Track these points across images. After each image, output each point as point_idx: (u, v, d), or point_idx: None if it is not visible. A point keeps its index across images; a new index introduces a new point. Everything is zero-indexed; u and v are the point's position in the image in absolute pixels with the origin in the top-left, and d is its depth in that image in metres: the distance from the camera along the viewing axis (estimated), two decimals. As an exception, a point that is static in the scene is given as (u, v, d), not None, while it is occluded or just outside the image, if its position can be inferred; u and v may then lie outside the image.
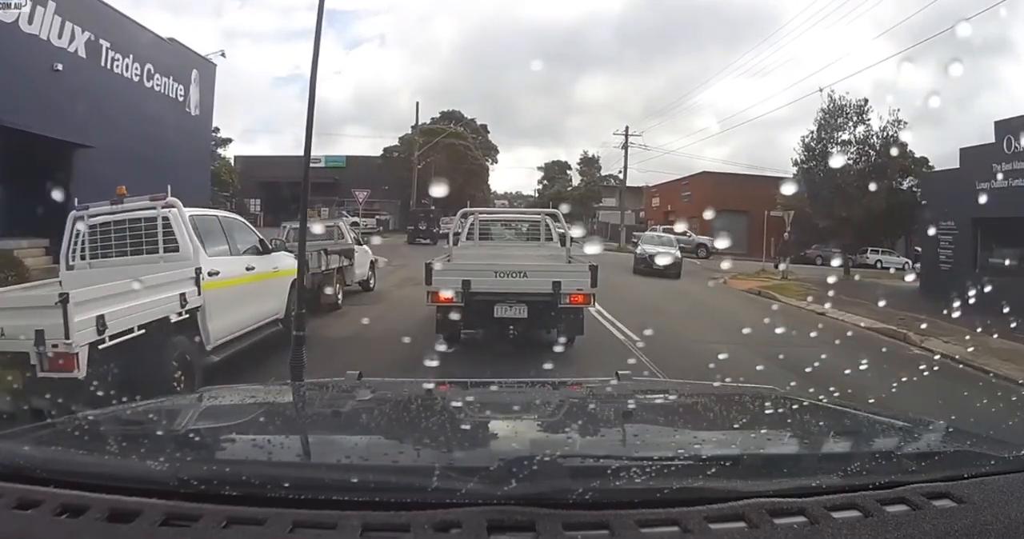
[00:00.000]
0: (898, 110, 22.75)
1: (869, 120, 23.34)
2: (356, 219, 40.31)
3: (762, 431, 1.63)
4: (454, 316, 7.51)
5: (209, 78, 22.14)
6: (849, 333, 10.42)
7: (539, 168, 66.12)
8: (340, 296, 11.74)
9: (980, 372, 8.36)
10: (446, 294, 7.55)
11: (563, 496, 1.00)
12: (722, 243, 34.63)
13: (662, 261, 20.29)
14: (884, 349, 9.05)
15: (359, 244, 13.97)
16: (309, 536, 0.94)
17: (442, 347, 6.37)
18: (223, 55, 23.01)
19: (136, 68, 17.93)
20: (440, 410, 1.85)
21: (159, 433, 1.45)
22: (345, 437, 1.61)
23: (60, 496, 1.01)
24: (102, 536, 0.95)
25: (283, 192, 41.70)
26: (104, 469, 1.11)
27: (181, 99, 20.43)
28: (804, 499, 1.03)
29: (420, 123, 45.91)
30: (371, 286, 14.39)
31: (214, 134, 37.39)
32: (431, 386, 2.02)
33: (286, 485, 1.02)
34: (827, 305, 13.96)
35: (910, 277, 21.55)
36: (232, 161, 40.80)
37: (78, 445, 1.31)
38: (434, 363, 2.64)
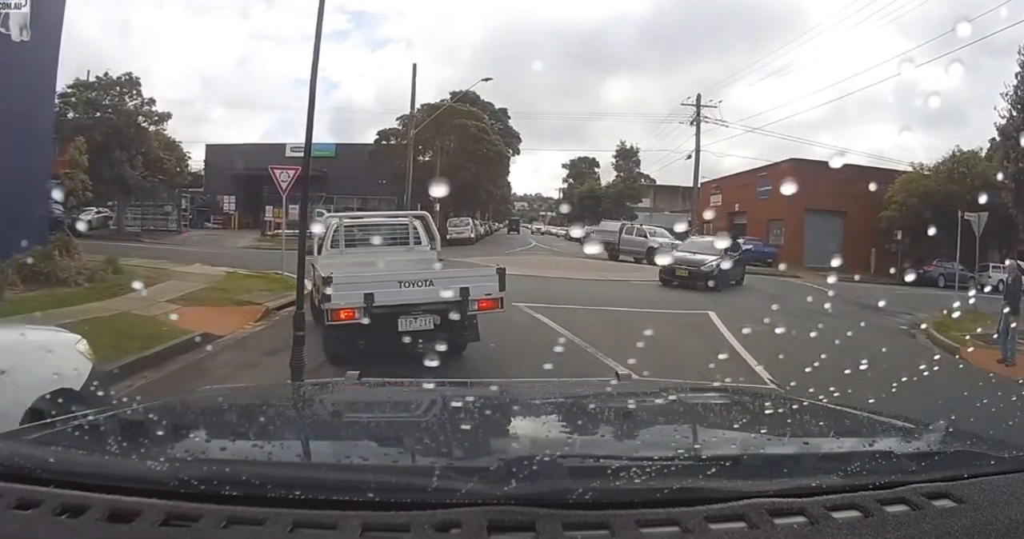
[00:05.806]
0: None
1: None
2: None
3: (762, 431, 1.63)
4: (352, 334, 7.07)
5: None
6: None
7: (564, 166, 61.00)
8: None
9: None
10: (348, 311, 7.10)
11: (563, 496, 0.99)
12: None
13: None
14: None
15: None
16: (309, 536, 0.94)
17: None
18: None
19: None
20: (440, 410, 1.85)
21: (159, 433, 1.45)
22: (345, 437, 1.61)
23: (60, 496, 1.01)
24: (102, 536, 0.94)
25: (257, 186, 33.82)
26: (104, 469, 1.11)
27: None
28: (804, 499, 1.03)
29: (425, 102, 35.91)
30: None
31: (148, 106, 30.42)
32: (431, 386, 2.02)
33: (286, 485, 1.02)
34: None
35: None
36: (182, 146, 33.01)
37: (78, 445, 1.30)
38: (434, 363, 2.64)
